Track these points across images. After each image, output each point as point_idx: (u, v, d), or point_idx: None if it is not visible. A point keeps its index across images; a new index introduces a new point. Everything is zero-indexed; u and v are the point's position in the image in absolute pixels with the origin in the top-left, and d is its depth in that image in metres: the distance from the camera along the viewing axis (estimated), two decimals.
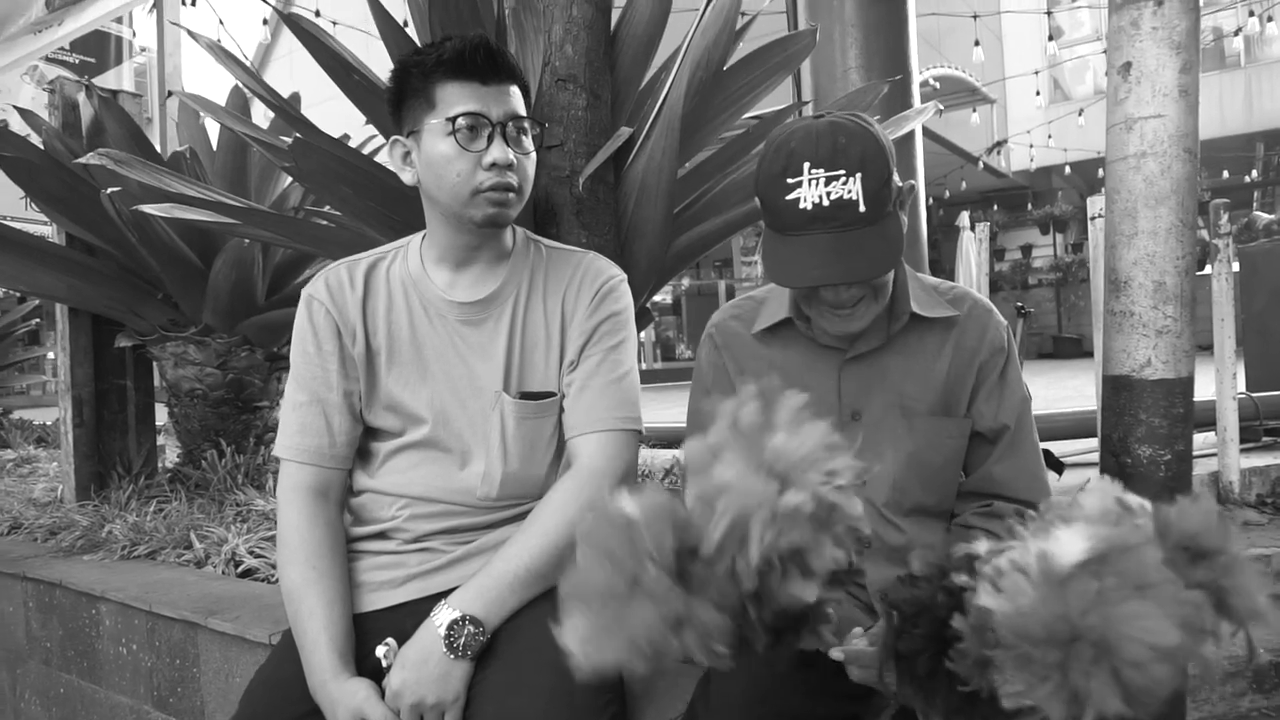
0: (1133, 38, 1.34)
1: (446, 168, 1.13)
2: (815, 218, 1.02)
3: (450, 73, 1.12)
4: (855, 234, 1.02)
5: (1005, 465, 1.19)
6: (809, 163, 1.02)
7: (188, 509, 2.48)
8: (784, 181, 1.04)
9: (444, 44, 1.13)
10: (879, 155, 1.03)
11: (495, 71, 1.14)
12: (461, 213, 1.16)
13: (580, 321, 1.23)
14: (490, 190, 1.14)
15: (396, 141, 1.19)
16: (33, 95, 5.35)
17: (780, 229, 1.06)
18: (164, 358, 2.90)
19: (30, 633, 2.18)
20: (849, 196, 1.01)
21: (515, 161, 1.15)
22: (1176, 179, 1.33)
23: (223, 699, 1.68)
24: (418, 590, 1.18)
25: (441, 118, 1.12)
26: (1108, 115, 1.41)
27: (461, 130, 1.11)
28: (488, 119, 1.12)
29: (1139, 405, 1.38)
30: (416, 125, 1.15)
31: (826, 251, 1.02)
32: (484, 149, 1.13)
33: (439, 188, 1.15)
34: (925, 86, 5.35)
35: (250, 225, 1.93)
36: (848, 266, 1.02)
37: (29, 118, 3.06)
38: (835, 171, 1.01)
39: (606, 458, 1.18)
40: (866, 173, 1.01)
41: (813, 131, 1.04)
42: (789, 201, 1.03)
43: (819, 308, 1.13)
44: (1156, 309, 1.36)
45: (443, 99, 1.12)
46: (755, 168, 1.11)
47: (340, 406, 1.21)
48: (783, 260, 1.06)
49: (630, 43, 1.80)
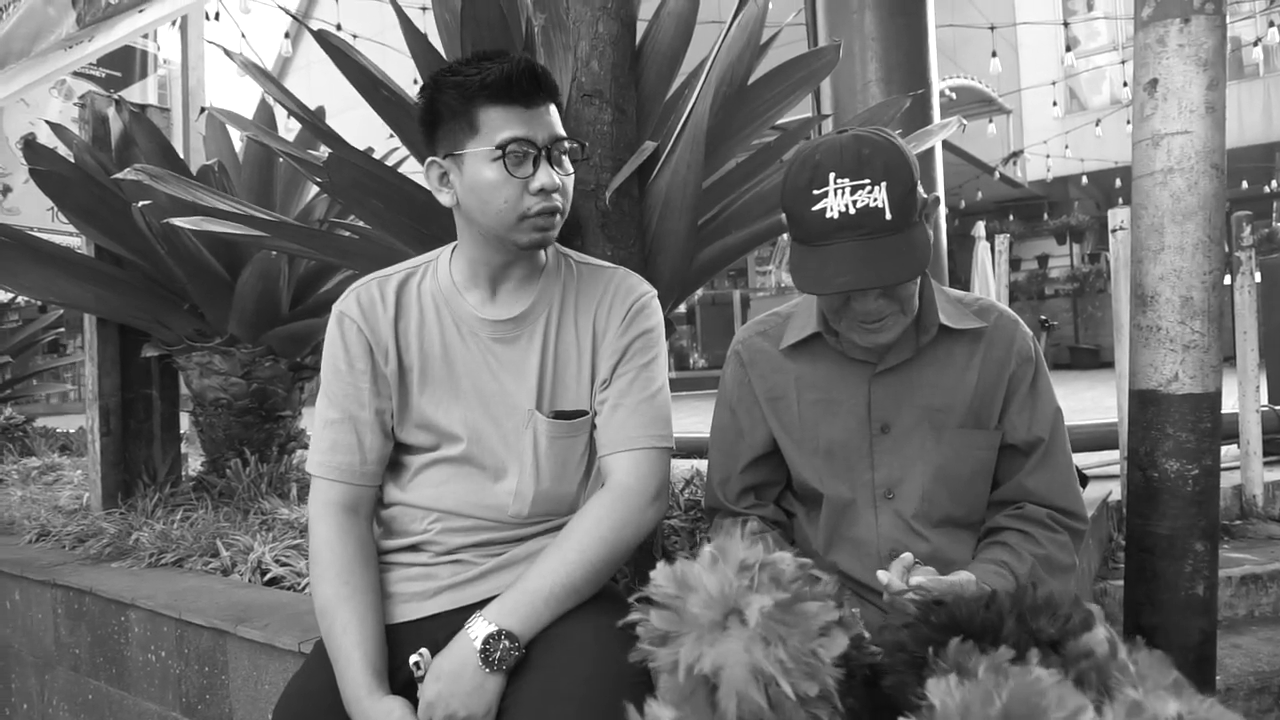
0: (1159, 54, 1.35)
1: (493, 194, 1.12)
2: (842, 226, 1.03)
3: (494, 96, 1.11)
4: (882, 241, 1.03)
5: (1038, 477, 1.20)
6: (834, 173, 1.04)
7: (213, 517, 2.51)
8: (810, 193, 1.05)
9: (484, 65, 1.11)
10: (903, 165, 1.05)
11: (538, 93, 1.13)
12: (506, 236, 1.16)
13: (612, 340, 1.23)
14: (537, 215, 1.14)
15: (433, 163, 1.18)
16: (60, 109, 5.43)
17: (808, 240, 1.07)
18: (189, 367, 2.94)
19: (59, 639, 2.20)
20: (875, 205, 1.02)
21: (560, 184, 1.15)
22: (1204, 195, 1.34)
23: (251, 706, 1.70)
24: (449, 602, 1.19)
25: (487, 144, 1.11)
26: (1133, 131, 1.41)
27: (510, 156, 1.11)
28: (534, 144, 1.12)
29: (1166, 420, 1.38)
30: (457, 148, 1.14)
31: (854, 259, 1.03)
32: (530, 174, 1.12)
33: (484, 213, 1.15)
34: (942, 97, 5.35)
35: (278, 238, 1.96)
36: (877, 272, 1.03)
37: (59, 131, 3.11)
38: (860, 180, 1.02)
39: (640, 476, 1.19)
40: (891, 181, 1.03)
41: (836, 144, 1.06)
42: (815, 212, 1.04)
43: (848, 321, 1.13)
44: (1184, 324, 1.36)
45: (486, 123, 1.11)
46: (780, 183, 1.12)
47: (372, 424, 1.22)
48: (811, 270, 1.07)
49: (655, 58, 1.82)
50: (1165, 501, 1.39)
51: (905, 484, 1.20)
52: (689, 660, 0.82)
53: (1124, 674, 0.80)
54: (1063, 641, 0.84)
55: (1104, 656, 0.82)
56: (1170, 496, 1.39)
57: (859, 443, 1.21)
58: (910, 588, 1.03)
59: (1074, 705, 0.71)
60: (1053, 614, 0.85)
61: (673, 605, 0.86)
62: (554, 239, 1.20)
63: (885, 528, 1.20)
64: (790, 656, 0.80)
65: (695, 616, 0.84)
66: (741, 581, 0.85)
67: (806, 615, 0.83)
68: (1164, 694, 0.76)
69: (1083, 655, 0.82)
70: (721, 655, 0.81)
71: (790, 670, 0.79)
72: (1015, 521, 1.19)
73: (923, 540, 1.18)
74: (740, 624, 0.82)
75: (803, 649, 0.81)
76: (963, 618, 0.86)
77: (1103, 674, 0.80)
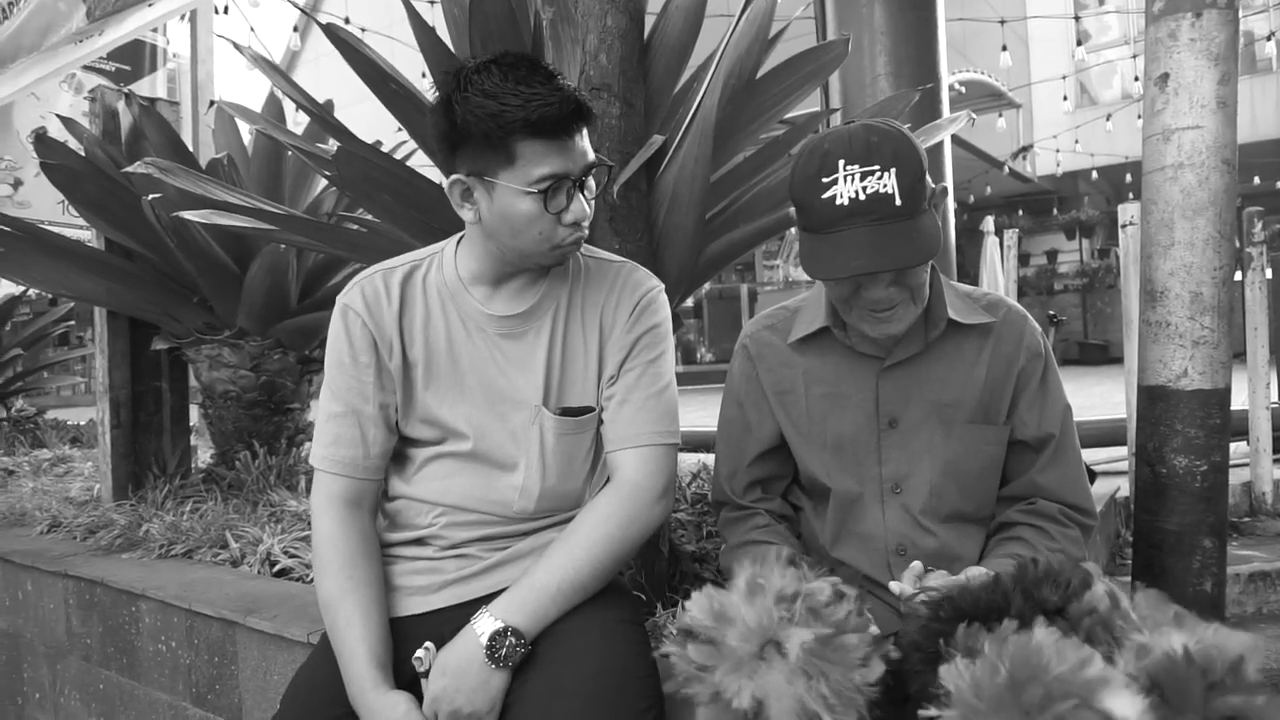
0: (1170, 49, 1.34)
1: (528, 226, 1.11)
2: (853, 212, 1.03)
3: (535, 131, 1.05)
4: (892, 226, 1.03)
5: (1050, 474, 1.20)
6: (844, 159, 1.04)
7: (223, 509, 2.52)
8: (819, 181, 1.05)
9: (524, 93, 1.04)
10: (912, 153, 1.05)
11: (578, 123, 1.09)
12: (531, 258, 1.16)
13: (620, 335, 1.23)
14: (570, 243, 1.14)
15: (457, 181, 1.13)
16: (70, 103, 5.46)
17: (818, 229, 1.07)
18: (199, 360, 2.95)
19: (70, 629, 2.22)
20: (885, 190, 1.02)
21: (590, 213, 1.14)
22: (1214, 190, 1.33)
23: (260, 696, 1.71)
24: (455, 596, 1.19)
25: (524, 179, 1.08)
26: (1144, 126, 1.40)
27: (548, 192, 1.08)
28: (570, 177, 1.10)
29: (1175, 416, 1.38)
30: (488, 174, 1.10)
31: (865, 244, 1.03)
32: (565, 207, 1.11)
33: (514, 238, 1.13)
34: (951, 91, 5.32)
35: (288, 231, 1.97)
36: (889, 256, 1.03)
37: (70, 125, 3.12)
38: (870, 167, 1.03)
39: (647, 472, 1.19)
40: (900, 168, 1.03)
41: (845, 133, 1.06)
42: (825, 200, 1.04)
43: (858, 311, 1.13)
44: (1193, 319, 1.35)
45: (523, 155, 1.07)
46: (788, 176, 1.12)
47: (376, 419, 1.21)
48: (822, 257, 1.06)
49: (663, 52, 1.82)
50: (1173, 498, 1.39)
51: (912, 479, 1.20)
52: (729, 692, 0.83)
53: (1127, 621, 0.81)
54: (1066, 605, 0.84)
55: (1107, 610, 0.83)
56: (1179, 493, 1.38)
57: (866, 437, 1.21)
58: (921, 589, 1.03)
59: (1076, 658, 0.72)
60: (1054, 582, 0.86)
61: (711, 637, 0.87)
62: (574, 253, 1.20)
63: (892, 522, 1.20)
64: (832, 691, 0.82)
65: (733, 650, 0.85)
66: (780, 613, 0.86)
67: (847, 648, 0.85)
68: (1168, 629, 0.78)
69: (1086, 613, 0.83)
70: (763, 689, 0.82)
71: (833, 705, 0.81)
72: (1029, 517, 1.19)
73: (930, 535, 1.18)
74: (779, 655, 0.84)
75: (844, 682, 0.83)
76: (969, 605, 0.87)
77: (1109, 626, 0.81)
